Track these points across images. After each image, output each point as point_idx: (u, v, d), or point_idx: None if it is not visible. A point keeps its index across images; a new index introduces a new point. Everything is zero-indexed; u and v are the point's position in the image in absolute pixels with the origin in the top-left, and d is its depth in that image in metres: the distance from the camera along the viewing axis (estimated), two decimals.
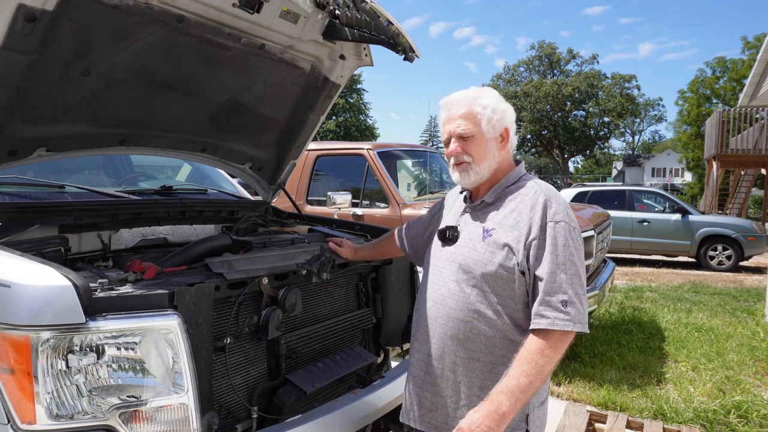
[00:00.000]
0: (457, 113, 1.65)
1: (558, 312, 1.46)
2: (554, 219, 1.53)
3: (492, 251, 1.57)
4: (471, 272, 1.59)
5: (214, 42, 2.13)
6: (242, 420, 1.87)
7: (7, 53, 1.66)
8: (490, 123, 1.62)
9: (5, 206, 2.10)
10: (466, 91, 1.70)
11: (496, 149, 1.65)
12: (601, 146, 49.68)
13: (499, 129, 1.65)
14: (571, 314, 1.47)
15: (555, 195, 1.60)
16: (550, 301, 1.48)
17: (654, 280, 9.32)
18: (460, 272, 1.62)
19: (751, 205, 29.49)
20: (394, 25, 2.35)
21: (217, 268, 1.82)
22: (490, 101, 1.64)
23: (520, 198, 1.61)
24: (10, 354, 1.33)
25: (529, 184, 1.65)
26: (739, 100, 13.80)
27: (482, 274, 1.57)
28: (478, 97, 1.65)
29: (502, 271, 1.55)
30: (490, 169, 1.65)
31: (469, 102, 1.64)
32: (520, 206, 1.59)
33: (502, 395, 1.43)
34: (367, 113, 43.32)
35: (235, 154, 2.86)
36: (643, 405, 3.82)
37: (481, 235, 1.61)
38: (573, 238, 1.54)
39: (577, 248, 1.54)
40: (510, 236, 1.56)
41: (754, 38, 33.05)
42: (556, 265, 1.49)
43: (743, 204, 18.35)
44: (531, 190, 1.61)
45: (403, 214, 5.03)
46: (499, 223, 1.60)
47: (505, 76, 48.07)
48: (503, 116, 1.65)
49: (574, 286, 1.49)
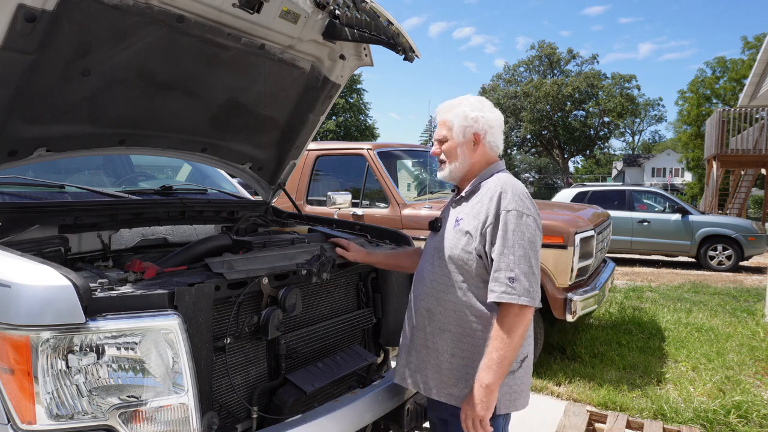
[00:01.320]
0: (438, 120, 1.97)
1: (505, 287, 1.71)
2: (507, 208, 1.77)
3: (458, 237, 1.86)
4: (442, 255, 1.89)
5: (214, 42, 2.13)
6: (242, 420, 1.87)
7: (7, 53, 1.66)
8: (461, 129, 1.90)
9: (5, 206, 2.09)
10: (449, 101, 1.98)
11: (468, 151, 1.92)
12: (601, 146, 49.69)
13: (469, 134, 1.91)
14: (517, 289, 1.70)
15: (512, 187, 1.83)
16: (498, 278, 1.73)
17: (654, 280, 9.32)
18: (436, 255, 1.92)
19: (751, 205, 29.49)
20: (394, 25, 2.35)
21: (217, 268, 1.82)
22: (464, 110, 1.91)
23: (484, 191, 1.87)
24: (10, 354, 1.33)
25: (492, 179, 1.90)
26: (739, 100, 13.80)
27: (449, 257, 1.86)
28: (456, 105, 1.93)
29: (463, 254, 1.83)
30: (461, 168, 1.93)
31: (446, 111, 1.94)
32: (483, 198, 1.85)
33: (482, 371, 1.73)
34: (367, 113, 43.34)
35: (235, 154, 2.86)
36: (643, 405, 3.82)
37: (453, 224, 1.91)
38: (523, 223, 1.77)
39: (527, 233, 1.76)
40: (471, 224, 1.84)
41: (754, 38, 33.08)
42: (505, 247, 1.74)
43: (743, 204, 18.35)
44: (493, 184, 1.86)
45: (403, 214, 5.03)
46: (467, 213, 1.88)
47: (505, 76, 48.03)
48: (475, 123, 1.90)
49: (520, 265, 1.72)
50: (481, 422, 1.73)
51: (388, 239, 2.71)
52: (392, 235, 2.73)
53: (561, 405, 3.78)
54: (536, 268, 1.76)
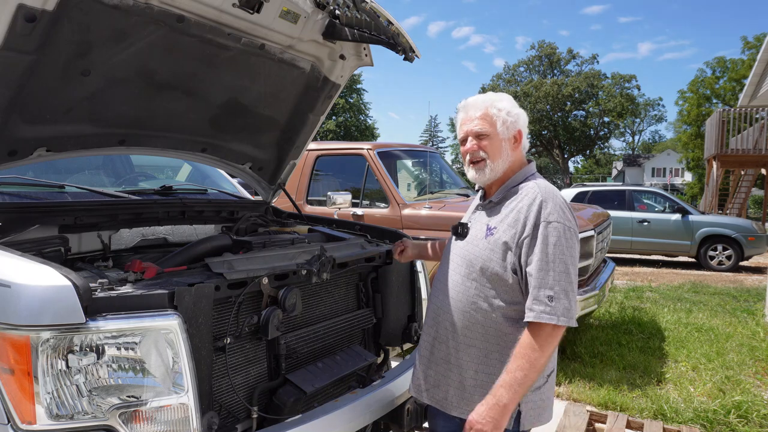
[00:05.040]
0: (475, 114, 1.79)
1: (544, 306, 1.58)
2: (548, 219, 1.64)
3: (491, 249, 1.72)
4: (472, 267, 1.75)
5: (214, 42, 2.13)
6: (242, 420, 1.87)
7: (7, 53, 1.66)
8: (505, 124, 1.77)
9: (5, 206, 2.09)
10: (483, 95, 1.83)
11: (509, 149, 1.79)
12: (601, 146, 49.67)
13: (513, 131, 1.79)
14: (557, 309, 1.58)
15: (553, 196, 1.71)
16: (538, 296, 1.60)
17: (654, 280, 9.32)
18: (464, 266, 1.78)
19: (751, 205, 29.49)
20: (394, 25, 2.35)
21: (217, 268, 1.82)
22: (506, 105, 1.79)
23: (520, 198, 1.73)
24: (10, 354, 1.33)
25: (530, 184, 1.76)
26: (739, 100, 13.80)
27: (481, 269, 1.72)
28: (495, 100, 1.79)
29: (498, 268, 1.69)
30: (503, 167, 1.79)
31: (486, 104, 1.78)
32: (519, 205, 1.71)
33: (502, 389, 1.60)
34: (367, 113, 43.34)
35: (235, 154, 2.86)
36: (643, 405, 3.82)
37: (485, 233, 1.76)
38: (566, 237, 1.64)
39: (568, 247, 1.64)
40: (508, 234, 1.69)
41: (754, 38, 33.05)
42: (545, 262, 1.61)
43: (743, 204, 18.35)
44: (531, 191, 1.73)
45: (403, 214, 5.03)
46: (500, 222, 1.74)
47: (505, 76, 48.05)
48: (517, 119, 1.79)
49: (561, 282, 1.60)
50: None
51: (388, 239, 2.70)
52: (392, 235, 2.73)
53: (561, 405, 3.78)
54: (576, 284, 1.65)
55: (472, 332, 1.74)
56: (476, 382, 1.73)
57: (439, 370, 1.83)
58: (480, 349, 1.73)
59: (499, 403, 1.59)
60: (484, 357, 1.73)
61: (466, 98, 1.85)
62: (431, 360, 1.86)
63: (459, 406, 1.77)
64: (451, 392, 1.79)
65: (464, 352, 1.76)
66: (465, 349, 1.75)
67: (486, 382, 1.71)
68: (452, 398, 1.79)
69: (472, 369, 1.74)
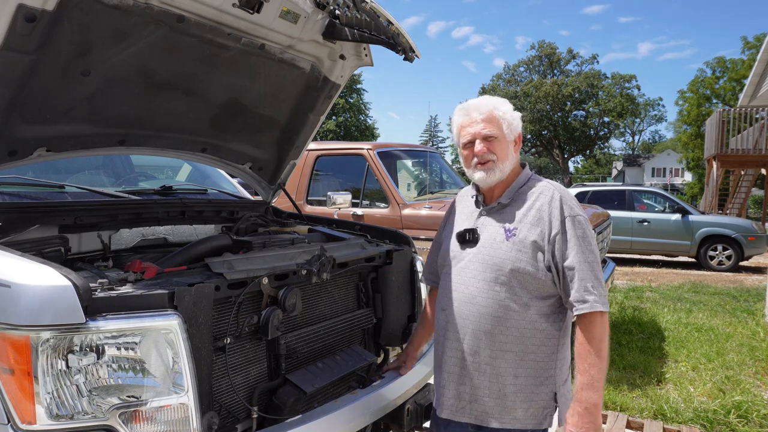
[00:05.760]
0: (479, 117, 1.81)
1: (592, 296, 1.64)
2: (572, 214, 1.71)
3: (518, 249, 1.73)
4: (500, 270, 1.73)
5: (214, 42, 2.12)
6: (242, 420, 1.87)
7: (7, 53, 1.66)
8: (510, 127, 1.82)
9: (5, 206, 2.09)
10: (483, 98, 1.87)
11: (513, 151, 1.84)
12: (601, 146, 49.70)
13: (515, 133, 1.84)
14: (601, 296, 1.65)
15: (566, 191, 1.80)
16: (586, 288, 1.65)
17: (654, 280, 9.32)
18: (488, 271, 1.76)
19: (751, 205, 29.48)
20: (394, 25, 2.34)
21: (217, 268, 1.82)
22: (508, 108, 1.84)
23: (536, 196, 1.78)
24: (10, 354, 1.33)
25: (541, 183, 1.83)
26: (739, 100, 13.79)
27: (511, 271, 1.72)
28: (498, 103, 1.84)
29: (529, 267, 1.71)
30: (508, 169, 1.83)
31: (489, 108, 1.82)
32: (537, 204, 1.76)
33: (584, 391, 1.63)
34: (367, 113, 43.35)
35: (235, 154, 2.86)
36: (643, 405, 3.82)
37: (504, 235, 1.77)
38: (589, 228, 1.74)
39: (592, 237, 1.73)
40: (534, 233, 1.72)
41: (754, 38, 33.05)
42: (583, 255, 1.67)
43: (743, 204, 18.36)
44: (547, 189, 1.79)
45: (403, 214, 5.03)
46: (520, 222, 1.76)
47: (505, 76, 48.08)
48: (517, 123, 1.85)
49: (595, 272, 1.68)
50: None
51: (388, 239, 2.70)
52: (392, 235, 2.73)
53: None
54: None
55: (507, 336, 1.73)
56: (516, 388, 1.73)
57: (474, 383, 1.78)
58: (516, 353, 1.73)
59: (588, 406, 1.62)
60: (520, 360, 1.73)
61: (464, 101, 1.88)
62: (462, 375, 1.80)
63: (500, 416, 1.75)
64: (490, 404, 1.76)
65: (501, 358, 1.74)
66: (501, 355, 1.74)
67: (525, 385, 1.73)
68: (492, 410, 1.76)
69: (511, 374, 1.74)
